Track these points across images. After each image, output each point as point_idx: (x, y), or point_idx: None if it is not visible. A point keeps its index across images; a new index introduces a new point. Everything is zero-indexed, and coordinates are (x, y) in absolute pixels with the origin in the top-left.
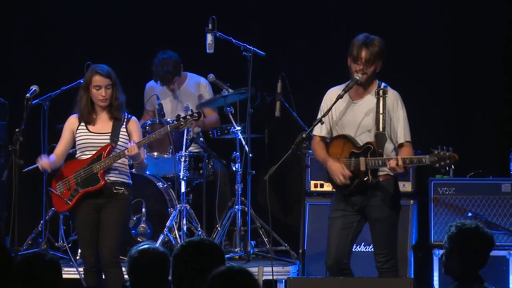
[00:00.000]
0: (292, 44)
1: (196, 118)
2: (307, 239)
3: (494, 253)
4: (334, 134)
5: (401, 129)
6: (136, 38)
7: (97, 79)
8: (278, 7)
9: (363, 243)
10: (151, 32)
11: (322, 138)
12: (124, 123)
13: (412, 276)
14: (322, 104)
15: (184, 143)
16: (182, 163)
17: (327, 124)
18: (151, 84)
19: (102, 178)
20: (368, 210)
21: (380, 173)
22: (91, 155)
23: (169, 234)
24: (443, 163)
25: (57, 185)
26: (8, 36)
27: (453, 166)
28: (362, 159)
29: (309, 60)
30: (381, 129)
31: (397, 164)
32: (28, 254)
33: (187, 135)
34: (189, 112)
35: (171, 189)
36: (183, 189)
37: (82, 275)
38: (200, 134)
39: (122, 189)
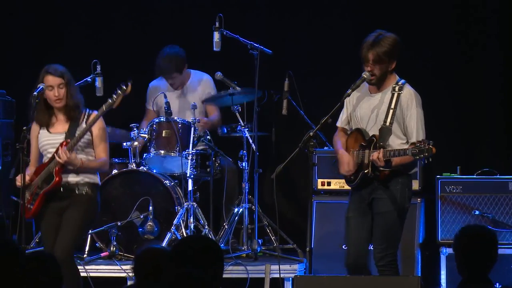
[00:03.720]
0: (299, 42)
1: (125, 90)
2: (314, 237)
3: (501, 251)
4: (352, 126)
5: (413, 128)
6: (143, 36)
7: (49, 79)
8: (285, 5)
9: None
10: (158, 30)
11: (343, 130)
12: (84, 120)
13: (419, 275)
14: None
15: (191, 141)
16: (189, 161)
17: (346, 116)
18: (154, 83)
19: (57, 175)
20: (373, 204)
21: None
22: (48, 158)
23: (176, 232)
24: (422, 155)
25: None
26: (14, 33)
27: (430, 159)
28: (366, 151)
29: (316, 58)
30: (387, 124)
31: (377, 157)
32: (33, 252)
33: (194, 133)
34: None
35: (178, 187)
36: (190, 187)
37: None
38: (207, 132)
39: (85, 189)
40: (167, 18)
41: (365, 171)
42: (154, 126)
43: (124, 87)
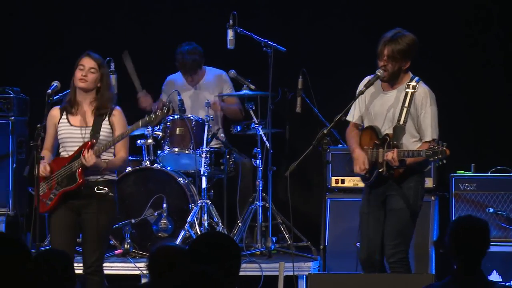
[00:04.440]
0: (313, 40)
1: (166, 113)
2: (328, 235)
3: None
4: (365, 123)
5: (428, 127)
6: (156, 34)
7: (84, 60)
8: (299, 2)
9: None
10: (171, 28)
11: (356, 125)
12: (107, 116)
13: (434, 272)
14: (357, 91)
15: (205, 139)
16: (203, 158)
17: (359, 111)
18: (171, 78)
19: (80, 176)
20: (386, 201)
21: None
22: (72, 151)
23: (190, 230)
24: (436, 157)
25: (40, 184)
26: (29, 32)
27: (444, 161)
28: (380, 150)
29: (330, 56)
30: (401, 122)
31: (392, 158)
32: (45, 250)
33: (208, 130)
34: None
35: (192, 185)
36: (204, 185)
37: None
38: (221, 129)
39: (105, 189)
40: (179, 16)
41: (380, 170)
42: (168, 123)
43: (166, 110)
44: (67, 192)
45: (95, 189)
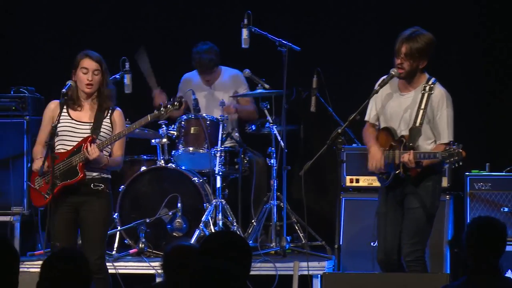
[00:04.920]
0: (327, 39)
1: (177, 107)
2: (343, 234)
3: None
4: (381, 122)
5: (444, 129)
6: (171, 32)
7: (86, 62)
8: (314, 1)
9: None
10: (186, 26)
11: (373, 125)
12: (109, 114)
13: (448, 272)
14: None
15: (220, 138)
16: (218, 158)
17: (375, 111)
18: (187, 76)
19: (81, 171)
20: (404, 200)
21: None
22: (71, 146)
23: (204, 229)
24: (452, 159)
25: (36, 179)
26: (43, 31)
27: (460, 163)
28: (396, 152)
29: (344, 55)
30: (417, 124)
31: (408, 159)
32: (63, 249)
33: (222, 130)
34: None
35: (206, 184)
36: (218, 184)
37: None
38: (236, 129)
39: (102, 186)
40: (194, 15)
41: (397, 172)
42: (183, 123)
43: (177, 104)
44: (67, 186)
45: (92, 186)
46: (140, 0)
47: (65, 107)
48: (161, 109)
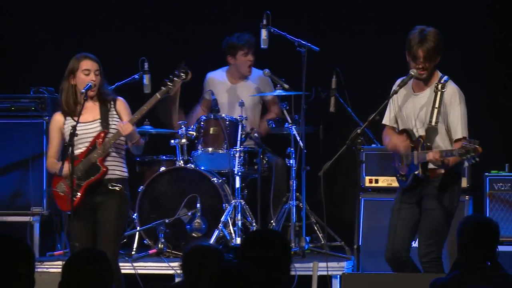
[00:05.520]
0: (346, 39)
1: (184, 77)
2: (362, 234)
3: None
4: (399, 124)
5: (457, 125)
6: (188, 33)
7: (87, 63)
8: (332, 2)
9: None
10: (203, 27)
11: (392, 128)
12: (112, 106)
13: None
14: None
15: (239, 138)
16: (237, 158)
17: (393, 113)
18: (212, 74)
19: (102, 165)
20: (422, 201)
21: (435, 167)
22: (85, 148)
23: (223, 230)
24: (469, 155)
25: (57, 184)
26: (62, 32)
27: (477, 159)
28: (415, 152)
29: (363, 55)
30: (433, 123)
31: (434, 157)
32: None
33: (242, 130)
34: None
35: (226, 185)
36: (237, 185)
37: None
38: (255, 129)
39: (118, 186)
40: (213, 15)
41: (416, 172)
42: (202, 123)
43: (183, 74)
44: (91, 184)
45: (109, 186)
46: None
47: (68, 117)
48: (168, 83)
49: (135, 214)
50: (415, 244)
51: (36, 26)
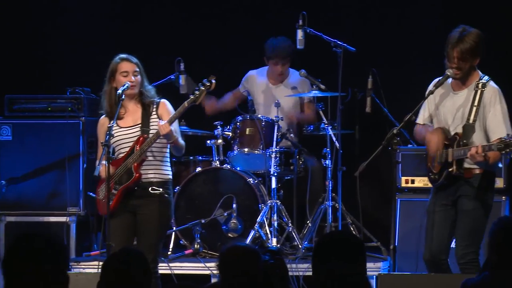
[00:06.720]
0: (382, 39)
1: (209, 87)
2: (398, 235)
3: None
4: (434, 123)
5: (499, 124)
6: (225, 33)
7: (124, 65)
8: (369, 2)
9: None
10: (240, 27)
11: (424, 126)
12: (154, 109)
13: None
14: (426, 92)
15: (275, 139)
16: (273, 159)
17: (428, 112)
18: (253, 72)
19: (136, 171)
20: (458, 201)
21: (470, 166)
22: (125, 153)
23: (259, 230)
24: (508, 149)
25: (99, 189)
26: (99, 32)
27: None
28: (450, 150)
29: (400, 55)
30: (470, 121)
31: (476, 152)
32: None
33: (278, 130)
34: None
35: (262, 185)
36: (273, 185)
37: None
38: (291, 130)
39: (160, 190)
40: (249, 16)
41: (450, 170)
42: (238, 124)
43: (208, 84)
44: (126, 189)
45: (150, 189)
46: None
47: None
48: (195, 92)
49: None
50: (453, 244)
51: (73, 29)
